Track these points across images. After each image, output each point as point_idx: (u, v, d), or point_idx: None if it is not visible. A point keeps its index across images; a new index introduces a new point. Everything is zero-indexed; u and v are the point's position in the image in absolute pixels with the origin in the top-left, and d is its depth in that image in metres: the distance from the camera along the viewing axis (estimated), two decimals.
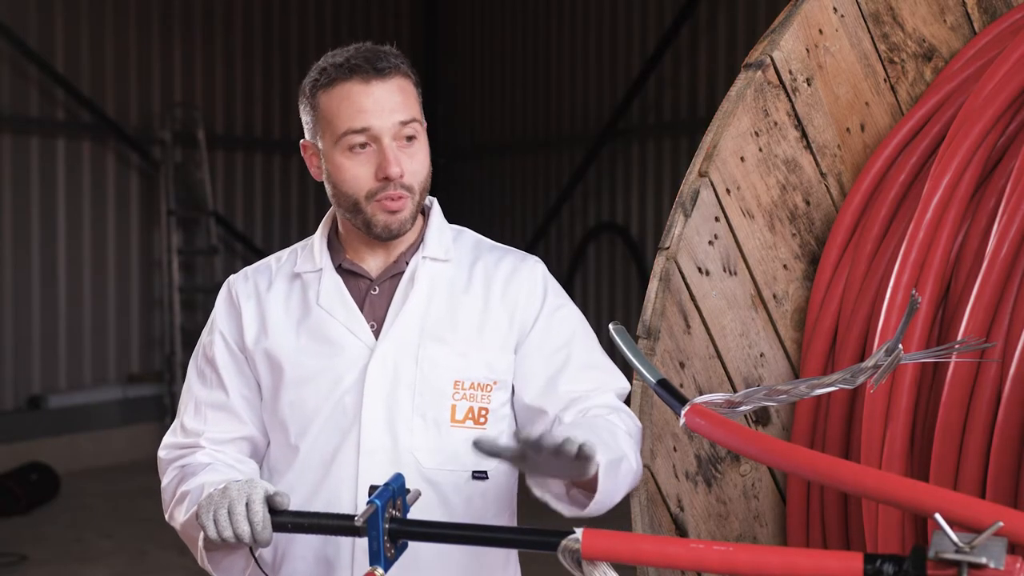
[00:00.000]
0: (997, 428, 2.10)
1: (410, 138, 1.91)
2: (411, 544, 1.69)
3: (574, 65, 10.57)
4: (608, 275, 10.26)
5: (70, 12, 9.14)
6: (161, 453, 2.04)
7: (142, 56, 9.63)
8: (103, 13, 9.35)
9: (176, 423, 2.06)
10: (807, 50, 2.49)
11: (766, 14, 8.68)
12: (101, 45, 9.36)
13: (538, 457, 1.55)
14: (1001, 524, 1.21)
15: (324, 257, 2.02)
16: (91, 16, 9.27)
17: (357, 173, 1.90)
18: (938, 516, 1.24)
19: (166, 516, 1.98)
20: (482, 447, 1.52)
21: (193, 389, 2.05)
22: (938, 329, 2.31)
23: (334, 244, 2.04)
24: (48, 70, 8.89)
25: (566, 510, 1.77)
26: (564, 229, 10.65)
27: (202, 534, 1.79)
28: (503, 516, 2.01)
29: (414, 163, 1.91)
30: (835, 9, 2.51)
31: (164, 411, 9.30)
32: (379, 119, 1.87)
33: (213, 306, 2.10)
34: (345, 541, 1.93)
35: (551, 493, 1.73)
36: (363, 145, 1.88)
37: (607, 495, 1.76)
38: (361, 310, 1.98)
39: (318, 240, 2.05)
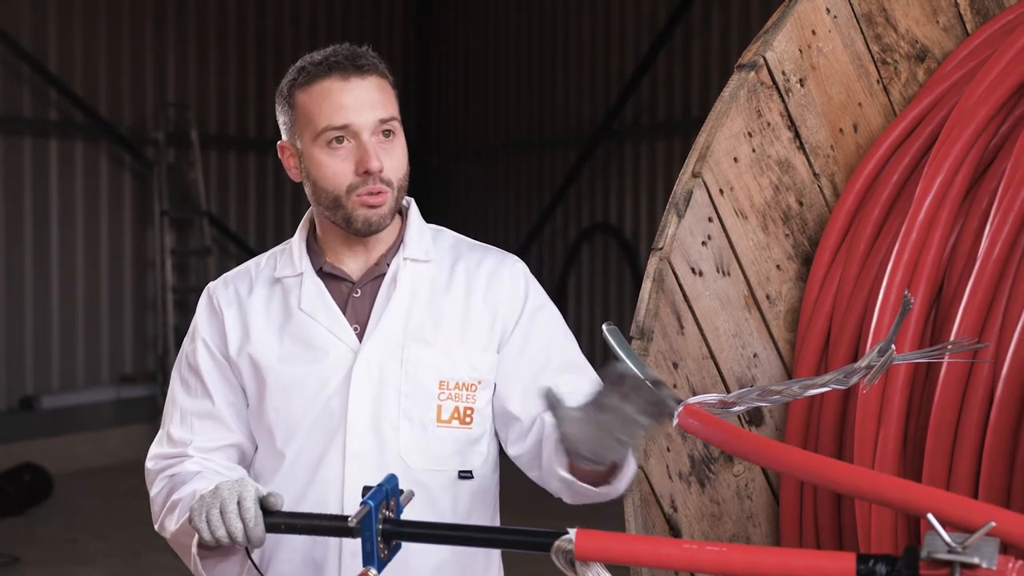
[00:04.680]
0: (990, 428, 2.11)
1: (388, 134, 1.91)
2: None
3: (567, 65, 10.57)
4: (602, 276, 10.26)
5: (63, 12, 9.12)
6: (148, 464, 2.02)
7: (135, 56, 9.61)
8: (96, 13, 9.33)
9: (162, 433, 2.04)
10: (800, 51, 2.49)
11: (759, 15, 8.69)
12: (94, 45, 9.34)
13: (611, 408, 1.59)
14: (994, 524, 1.21)
15: (304, 261, 2.01)
16: (84, 16, 9.25)
17: (337, 169, 1.90)
18: (931, 516, 1.24)
19: (156, 526, 1.97)
20: (552, 401, 1.61)
21: (177, 398, 2.03)
22: (931, 329, 2.32)
23: (313, 247, 2.03)
24: (41, 70, 8.88)
25: (569, 491, 1.82)
26: (558, 230, 10.65)
27: (195, 539, 1.78)
28: (487, 514, 2.02)
29: (393, 159, 1.91)
30: (828, 10, 2.52)
31: (157, 412, 9.26)
32: (359, 115, 1.88)
33: None
34: (333, 543, 1.92)
35: (576, 464, 1.75)
36: (341, 140, 1.89)
37: (621, 483, 1.81)
38: (343, 313, 1.97)
39: (297, 244, 2.04)
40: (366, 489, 1.63)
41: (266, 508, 1.71)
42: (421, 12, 11.79)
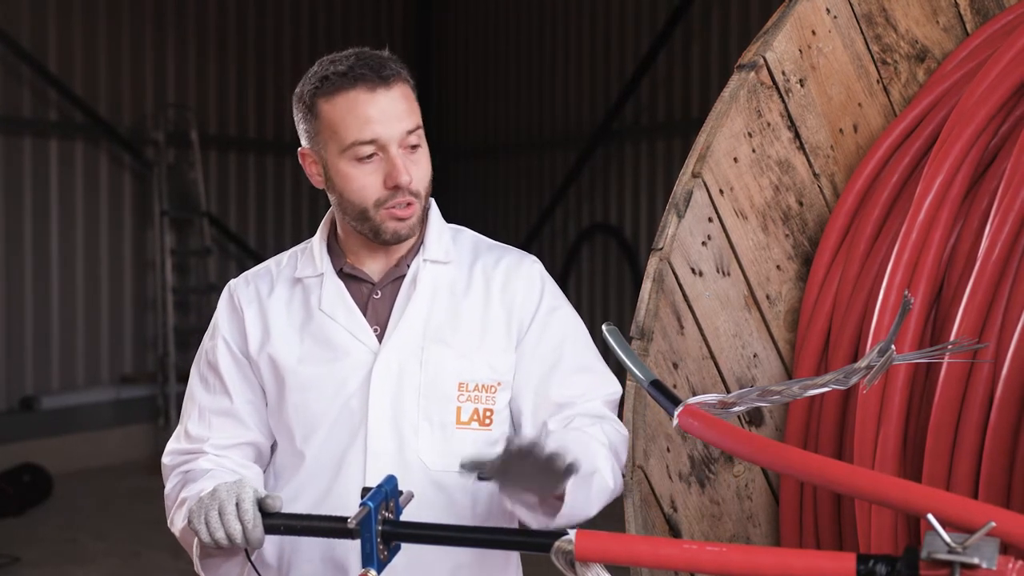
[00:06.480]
0: (989, 428, 2.11)
1: (414, 145, 1.91)
2: (417, 546, 1.69)
3: (567, 66, 10.57)
4: (602, 276, 10.27)
5: (63, 12, 9.11)
6: (165, 459, 2.04)
7: (135, 56, 9.60)
8: (96, 14, 9.32)
9: (180, 429, 2.05)
10: (800, 51, 2.49)
11: (759, 15, 8.69)
12: (94, 45, 9.34)
13: (521, 467, 1.61)
14: (994, 524, 1.21)
15: (325, 262, 2.01)
16: (84, 16, 9.25)
17: (365, 183, 1.89)
18: (931, 516, 1.24)
19: (168, 523, 1.97)
20: (465, 466, 1.61)
21: (196, 395, 2.04)
22: (931, 330, 2.32)
23: (334, 248, 2.03)
24: (41, 71, 8.87)
25: (534, 521, 1.78)
26: (558, 230, 10.65)
27: (196, 540, 1.79)
28: (507, 515, 2.02)
29: (419, 169, 1.91)
30: (828, 10, 2.52)
31: (157, 412, 9.28)
32: (386, 128, 1.86)
33: (206, 307, 2.10)
34: (352, 543, 1.92)
35: (522, 503, 1.75)
36: (369, 154, 1.88)
37: (574, 509, 1.77)
38: (364, 314, 1.98)
39: (317, 244, 2.04)
40: (365, 490, 1.63)
41: (265, 510, 1.71)
42: (421, 12, 11.79)
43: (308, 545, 1.95)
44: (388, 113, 1.87)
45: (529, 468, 1.61)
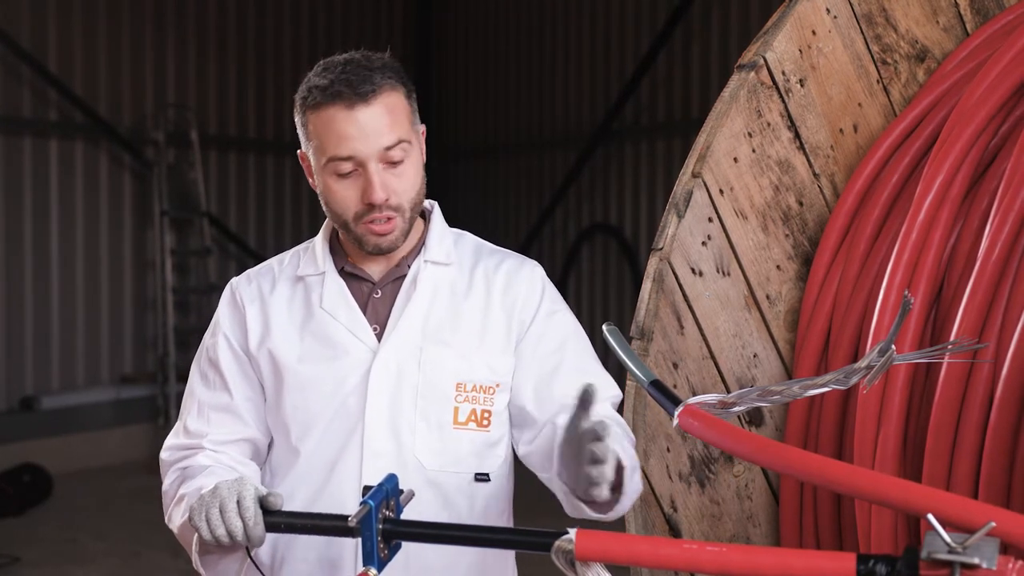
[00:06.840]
0: (990, 428, 2.11)
1: (398, 160, 1.90)
2: (415, 546, 1.69)
3: (567, 66, 10.57)
4: (602, 276, 10.27)
5: (63, 12, 9.11)
6: (163, 455, 2.04)
7: (135, 56, 9.60)
8: (96, 14, 9.32)
9: (179, 425, 2.06)
10: (800, 51, 2.49)
11: (759, 15, 8.68)
12: (94, 45, 9.34)
13: (575, 452, 1.64)
14: (994, 524, 1.21)
15: (327, 261, 2.03)
16: (84, 16, 9.25)
17: (344, 196, 1.90)
18: (931, 516, 1.24)
19: (166, 519, 1.98)
20: (585, 393, 1.60)
21: (196, 391, 2.05)
22: (931, 330, 2.32)
23: (335, 248, 2.05)
24: (41, 71, 8.87)
25: (591, 512, 1.81)
26: (558, 230, 10.65)
27: (196, 536, 1.79)
28: (503, 517, 2.03)
29: (402, 183, 1.91)
30: (828, 10, 2.52)
31: (157, 412, 9.28)
32: (363, 144, 1.86)
33: (206, 307, 2.11)
34: (349, 542, 1.92)
35: (578, 494, 1.75)
36: (347, 169, 1.88)
37: (619, 510, 1.80)
38: (364, 313, 1.98)
39: (320, 244, 2.05)
40: (366, 489, 1.63)
41: (266, 507, 1.71)
42: (421, 12, 11.79)
43: (302, 544, 1.96)
44: (366, 130, 1.86)
45: (575, 457, 1.64)
